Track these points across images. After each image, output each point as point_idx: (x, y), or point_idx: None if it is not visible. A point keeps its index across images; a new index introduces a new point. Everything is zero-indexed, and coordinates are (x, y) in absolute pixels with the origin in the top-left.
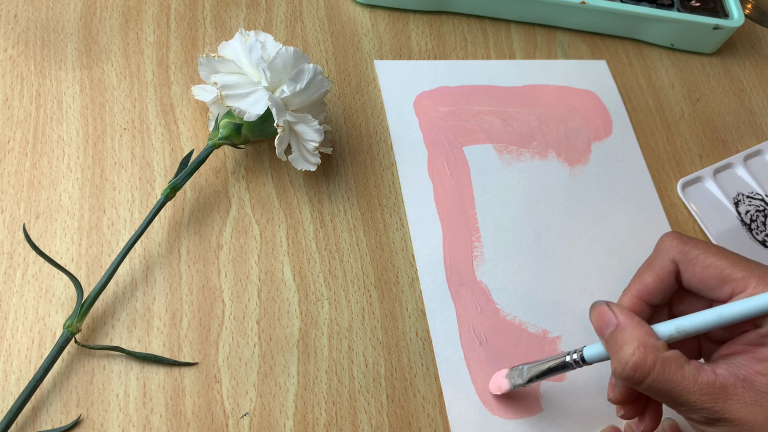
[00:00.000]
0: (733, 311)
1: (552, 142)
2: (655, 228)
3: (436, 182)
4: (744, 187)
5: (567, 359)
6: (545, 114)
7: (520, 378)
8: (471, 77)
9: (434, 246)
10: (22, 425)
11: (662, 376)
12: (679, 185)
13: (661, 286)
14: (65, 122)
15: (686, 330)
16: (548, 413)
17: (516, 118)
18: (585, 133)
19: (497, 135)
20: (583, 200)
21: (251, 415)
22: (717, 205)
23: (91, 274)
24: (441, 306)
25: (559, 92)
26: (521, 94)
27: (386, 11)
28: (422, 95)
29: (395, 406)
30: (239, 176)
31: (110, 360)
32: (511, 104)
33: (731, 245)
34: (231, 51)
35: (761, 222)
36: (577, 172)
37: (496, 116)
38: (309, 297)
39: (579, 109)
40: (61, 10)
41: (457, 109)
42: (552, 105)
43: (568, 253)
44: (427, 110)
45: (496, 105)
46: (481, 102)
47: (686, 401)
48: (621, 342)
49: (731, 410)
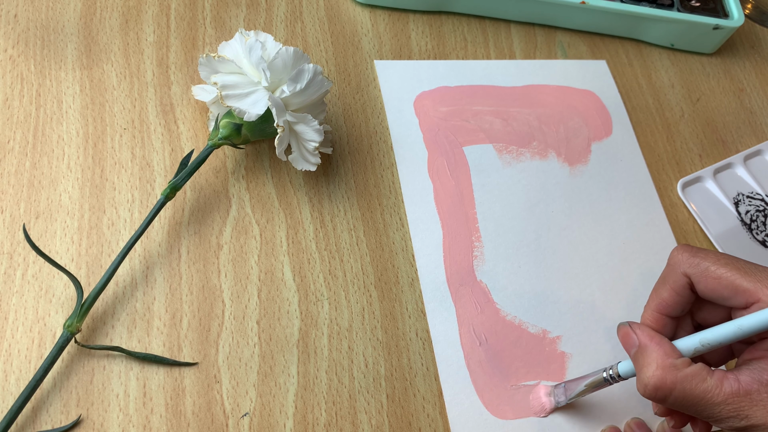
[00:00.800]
0: (751, 323)
1: (552, 142)
2: (655, 228)
3: (436, 182)
4: (744, 187)
5: (604, 375)
6: (545, 114)
7: (563, 396)
8: (471, 77)
9: (434, 246)
10: (22, 425)
11: (684, 393)
12: (679, 185)
13: (677, 299)
14: (65, 122)
15: (710, 343)
16: (549, 422)
17: (516, 118)
18: (585, 133)
19: (497, 135)
20: (583, 200)
21: (251, 415)
22: (717, 205)
23: (91, 274)
24: (441, 306)
25: (559, 92)
26: (521, 94)
27: (386, 11)
28: (422, 95)
29: (395, 406)
30: (239, 176)
31: (110, 360)
32: (511, 104)
33: (731, 245)
34: (231, 51)
35: (761, 222)
36: (577, 172)
37: (496, 116)
38: (309, 297)
39: (579, 109)
40: (61, 10)
41: (457, 109)
42: (552, 105)
43: (568, 253)
44: (427, 110)
45: (496, 105)
46: (481, 102)
47: (712, 413)
48: (642, 363)
49: (757, 416)
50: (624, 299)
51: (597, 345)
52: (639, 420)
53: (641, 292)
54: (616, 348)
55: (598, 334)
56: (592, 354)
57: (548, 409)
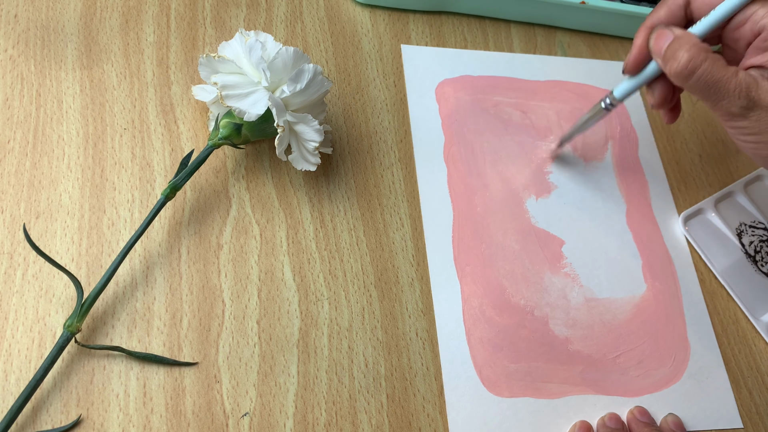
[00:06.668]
0: None
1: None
2: (665, 224)
3: (450, 167)
4: (746, 216)
5: (601, 105)
6: (565, 110)
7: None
8: (494, 68)
9: (444, 226)
10: (22, 425)
11: (710, 68)
12: (681, 219)
13: (671, 20)
14: (65, 122)
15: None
16: (546, 404)
17: (535, 111)
18: (603, 131)
19: (515, 126)
20: (596, 196)
21: (251, 415)
22: (720, 237)
23: (91, 274)
24: (447, 282)
25: (579, 89)
26: (543, 88)
27: (386, 11)
28: (444, 82)
29: (395, 406)
30: (239, 176)
31: (110, 360)
32: (531, 98)
33: (736, 279)
34: (231, 51)
35: (766, 252)
36: (591, 168)
37: (515, 108)
38: (309, 297)
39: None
40: (61, 10)
41: (477, 98)
42: (572, 101)
43: (579, 244)
44: (448, 97)
45: (516, 97)
46: (502, 93)
47: (727, 91)
48: (677, 47)
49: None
50: (630, 291)
51: (600, 339)
52: (641, 408)
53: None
54: (618, 341)
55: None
56: (596, 346)
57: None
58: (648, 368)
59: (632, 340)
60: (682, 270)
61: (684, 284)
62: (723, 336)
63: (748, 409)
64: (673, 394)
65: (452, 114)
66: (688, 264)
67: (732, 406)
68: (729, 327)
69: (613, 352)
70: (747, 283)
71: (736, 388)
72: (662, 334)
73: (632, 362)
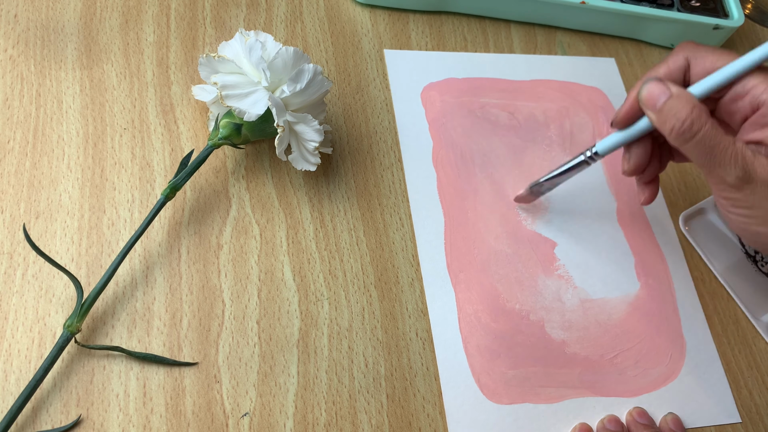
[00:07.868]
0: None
1: (556, 136)
2: (656, 220)
3: (439, 171)
4: None
5: (581, 158)
6: (551, 109)
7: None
8: (479, 70)
9: (436, 233)
10: (22, 425)
11: (711, 133)
12: (681, 219)
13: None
14: (65, 122)
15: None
16: (546, 409)
17: (522, 112)
18: (591, 128)
19: (502, 127)
20: (586, 194)
21: (251, 415)
22: (720, 237)
23: (91, 274)
24: (441, 290)
25: (566, 88)
26: (528, 88)
27: (386, 11)
28: (430, 86)
29: (395, 406)
30: (239, 176)
31: (110, 360)
32: (517, 98)
33: (736, 279)
34: (231, 51)
35: None
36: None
37: (502, 109)
38: (309, 297)
39: (585, 105)
40: (61, 10)
41: (463, 100)
42: (558, 100)
43: (571, 245)
44: (434, 101)
45: (502, 98)
46: (487, 94)
47: (725, 158)
48: (677, 106)
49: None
50: (624, 290)
51: (596, 340)
52: (640, 409)
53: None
54: (615, 341)
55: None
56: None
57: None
58: (645, 367)
59: (628, 339)
60: (674, 266)
61: (677, 280)
62: (723, 336)
63: (748, 409)
64: (672, 392)
65: (439, 117)
66: (680, 259)
67: (730, 401)
68: (729, 327)
69: (610, 352)
70: (747, 283)
71: (736, 388)
72: (658, 331)
73: (629, 362)
